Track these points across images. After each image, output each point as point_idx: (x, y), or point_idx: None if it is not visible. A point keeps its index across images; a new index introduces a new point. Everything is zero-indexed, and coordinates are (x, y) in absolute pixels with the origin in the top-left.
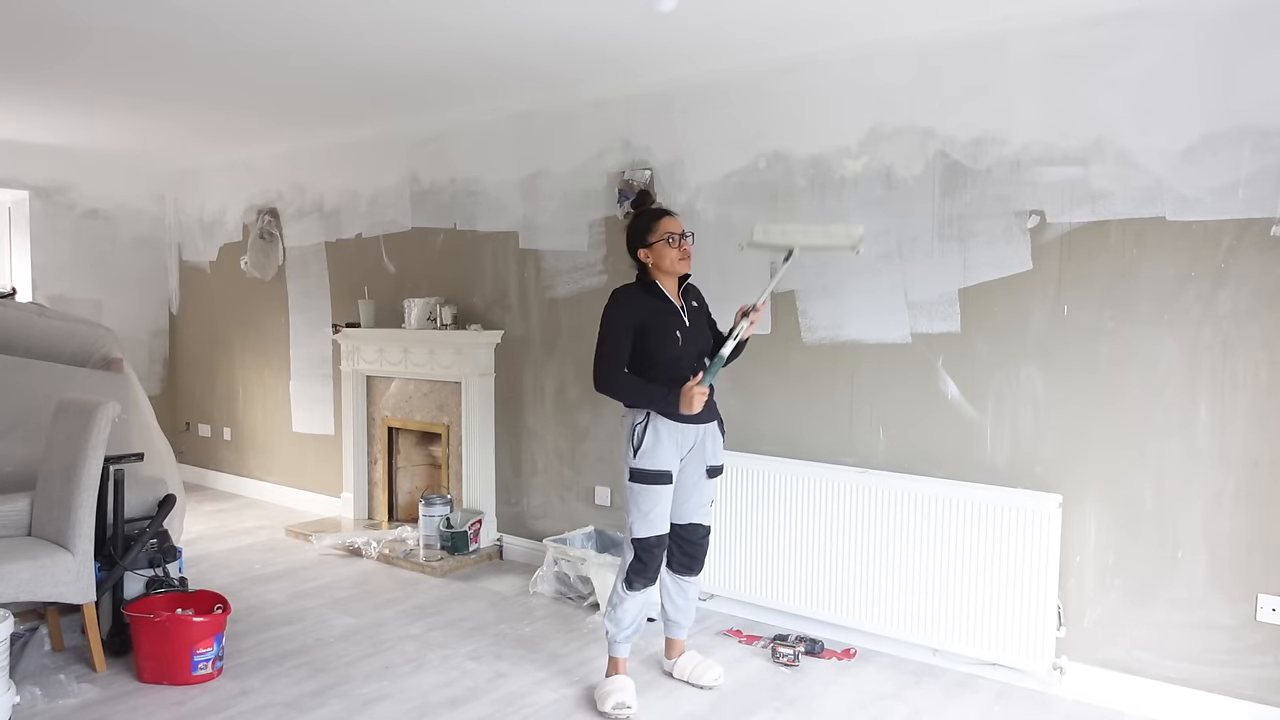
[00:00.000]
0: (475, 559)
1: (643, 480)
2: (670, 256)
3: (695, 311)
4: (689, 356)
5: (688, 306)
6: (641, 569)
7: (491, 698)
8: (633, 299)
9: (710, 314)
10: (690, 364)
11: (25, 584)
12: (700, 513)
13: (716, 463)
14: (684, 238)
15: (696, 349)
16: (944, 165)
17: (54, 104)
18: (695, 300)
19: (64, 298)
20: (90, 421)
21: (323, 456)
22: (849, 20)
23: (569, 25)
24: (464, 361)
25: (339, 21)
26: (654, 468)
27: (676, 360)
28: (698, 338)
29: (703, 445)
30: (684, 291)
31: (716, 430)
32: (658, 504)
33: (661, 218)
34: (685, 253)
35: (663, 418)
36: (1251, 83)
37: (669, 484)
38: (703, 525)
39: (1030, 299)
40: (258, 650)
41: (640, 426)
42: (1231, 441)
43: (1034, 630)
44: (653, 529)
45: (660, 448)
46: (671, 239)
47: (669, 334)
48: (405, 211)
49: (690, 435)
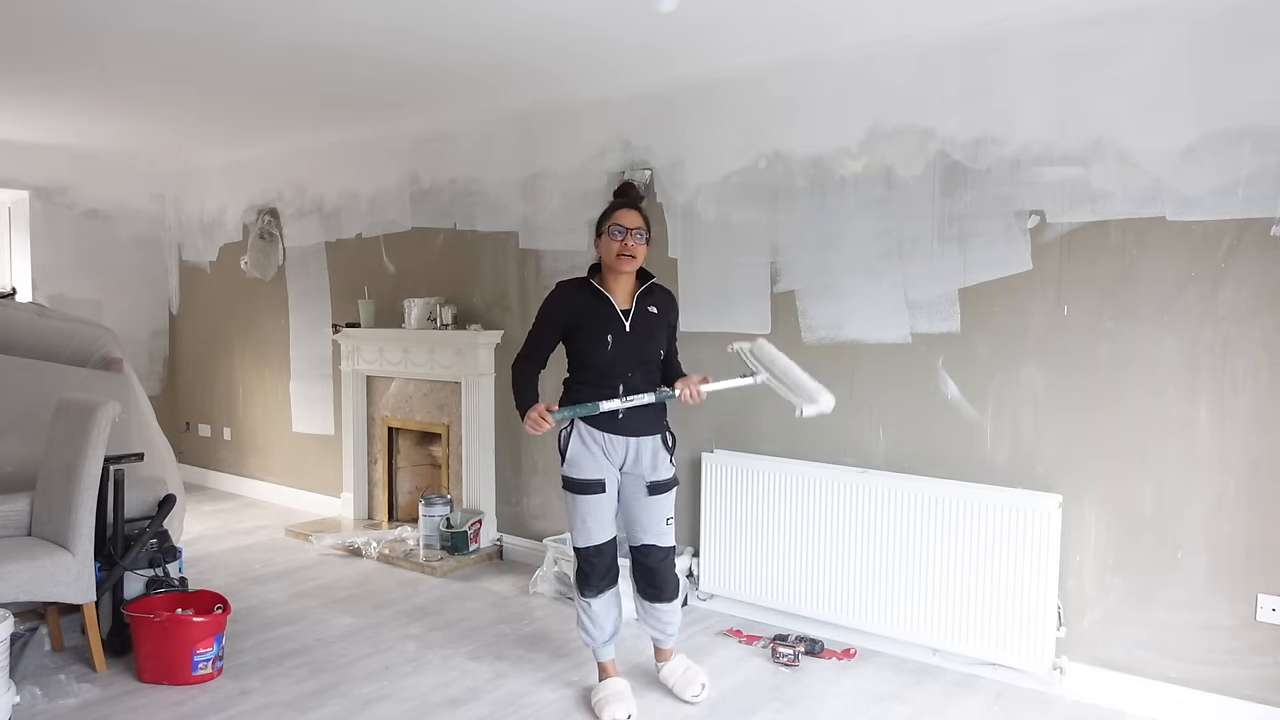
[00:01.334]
0: (475, 559)
1: (572, 489)
2: (611, 250)
3: (648, 318)
4: (624, 365)
5: (640, 311)
6: (585, 578)
7: (491, 698)
8: (567, 293)
9: (675, 324)
10: (625, 373)
11: (25, 584)
12: (653, 532)
13: (658, 478)
14: (631, 233)
15: (638, 357)
16: (944, 165)
17: (54, 104)
18: (655, 305)
19: (64, 298)
20: (90, 421)
21: (323, 456)
22: (849, 20)
23: (569, 25)
24: (464, 361)
25: (339, 21)
26: (582, 476)
27: (608, 368)
28: (640, 346)
29: (638, 459)
30: (643, 293)
31: (658, 444)
32: (591, 514)
33: (618, 209)
34: (629, 249)
35: (587, 425)
36: (1251, 83)
37: (601, 493)
38: (658, 547)
39: (1030, 299)
40: (258, 650)
41: (564, 433)
42: (1231, 442)
43: (1034, 630)
44: (590, 539)
45: (587, 456)
46: (615, 231)
47: (598, 338)
48: (405, 211)
49: (620, 447)
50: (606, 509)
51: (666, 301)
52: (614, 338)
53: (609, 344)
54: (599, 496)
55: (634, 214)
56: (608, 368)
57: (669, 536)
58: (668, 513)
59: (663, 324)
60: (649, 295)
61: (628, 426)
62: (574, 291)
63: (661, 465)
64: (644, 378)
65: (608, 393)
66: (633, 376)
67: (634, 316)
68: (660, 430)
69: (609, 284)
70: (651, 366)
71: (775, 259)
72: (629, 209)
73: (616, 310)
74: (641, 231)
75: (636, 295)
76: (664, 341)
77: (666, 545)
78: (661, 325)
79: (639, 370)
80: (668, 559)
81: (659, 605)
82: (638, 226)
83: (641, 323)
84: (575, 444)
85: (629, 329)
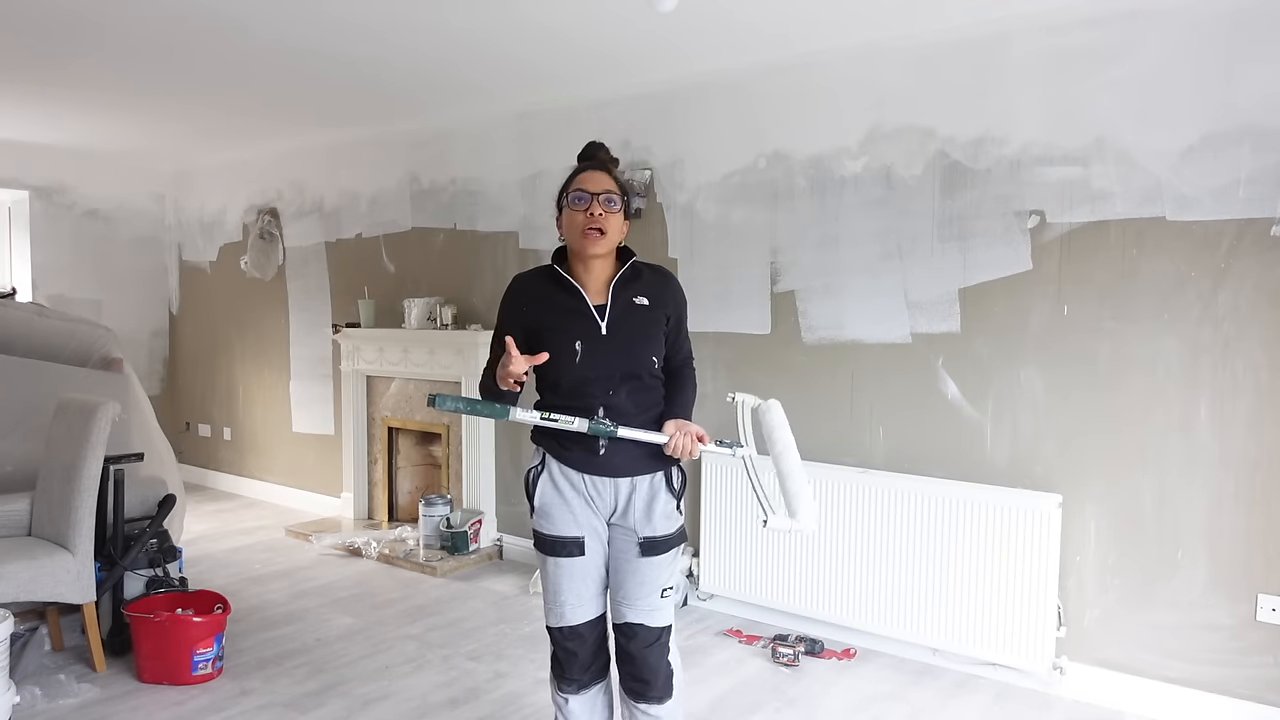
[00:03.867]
0: (475, 559)
1: (542, 549)
2: (575, 225)
3: (633, 314)
4: (602, 380)
5: (622, 305)
6: (561, 669)
7: (491, 698)
8: (522, 288)
9: (680, 317)
10: (604, 391)
11: (25, 584)
12: (641, 608)
13: (654, 533)
14: (598, 199)
15: (620, 369)
16: (944, 165)
17: (54, 104)
18: (645, 294)
19: (64, 298)
20: (90, 421)
21: (323, 456)
22: (849, 20)
23: (569, 25)
24: (464, 361)
25: (339, 21)
26: (553, 533)
27: (580, 385)
28: (623, 354)
29: (629, 507)
30: (622, 279)
31: (658, 486)
32: (567, 583)
33: (579, 172)
34: (596, 220)
35: (560, 463)
36: (1251, 83)
37: (579, 555)
38: (646, 627)
39: (1030, 299)
40: (258, 650)
41: (534, 471)
42: (1231, 441)
43: (1034, 630)
44: (564, 617)
45: (561, 505)
46: (577, 199)
47: (566, 344)
48: (405, 211)
49: (608, 492)
50: (589, 577)
51: (661, 287)
52: (585, 344)
53: (578, 353)
54: (576, 561)
55: (601, 175)
56: (579, 385)
57: (664, 614)
58: (665, 581)
59: (656, 319)
60: (633, 281)
61: (613, 463)
62: (531, 284)
63: (660, 515)
64: (632, 397)
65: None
66: (615, 395)
67: (613, 313)
68: (661, 467)
69: (578, 274)
70: (642, 381)
71: (775, 259)
72: (593, 171)
73: (589, 306)
74: (613, 196)
75: (613, 284)
76: (658, 345)
77: (658, 626)
78: (654, 322)
79: (623, 387)
80: (659, 643)
81: (644, 707)
82: (606, 190)
83: (624, 321)
84: (545, 487)
85: (605, 331)
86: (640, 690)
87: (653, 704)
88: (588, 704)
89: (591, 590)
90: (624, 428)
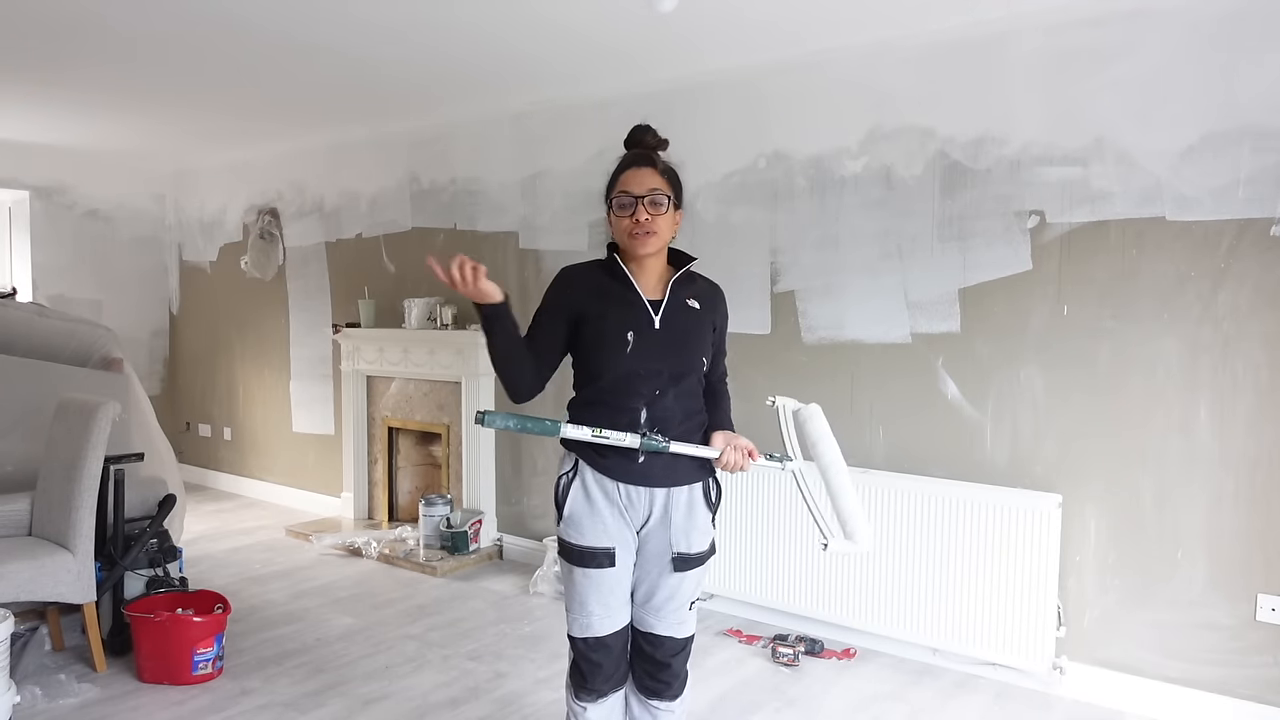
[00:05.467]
0: (475, 559)
1: (569, 558)
2: (621, 230)
3: (686, 314)
4: (651, 377)
5: (676, 303)
6: (582, 679)
7: (491, 698)
8: (577, 277)
9: (722, 329)
10: (651, 390)
11: (25, 584)
12: (670, 621)
13: (689, 549)
14: (643, 202)
15: (670, 367)
16: (944, 165)
17: (54, 104)
18: (697, 299)
19: (64, 298)
20: (90, 421)
21: (323, 456)
22: (849, 20)
23: (582, 21)
24: (464, 361)
25: (350, 20)
26: (582, 543)
27: (628, 379)
28: (675, 350)
29: (667, 519)
30: (678, 282)
31: (695, 498)
32: (595, 594)
33: (624, 169)
34: (641, 226)
35: (595, 470)
36: (1251, 83)
37: (609, 567)
38: (673, 639)
39: (1030, 299)
40: (258, 650)
41: (566, 478)
42: (1231, 441)
43: (1034, 630)
44: (590, 627)
45: (593, 515)
46: (621, 205)
47: (617, 333)
48: (405, 211)
49: (642, 501)
50: (617, 589)
51: (713, 296)
52: (637, 335)
53: (629, 343)
54: (606, 572)
55: (646, 172)
56: (627, 379)
57: (690, 625)
58: (693, 594)
59: (705, 325)
60: (688, 284)
61: (652, 472)
62: (583, 274)
63: (696, 530)
64: (679, 401)
65: (624, 418)
66: (662, 396)
67: (667, 309)
68: (700, 478)
69: (631, 269)
70: (690, 384)
71: (775, 259)
72: (640, 166)
73: (642, 299)
74: (659, 196)
75: (670, 284)
76: (707, 349)
77: (685, 636)
78: (704, 327)
79: (671, 388)
80: (684, 652)
81: (656, 704)
82: (651, 190)
83: (677, 319)
84: (576, 495)
85: (659, 325)
86: (658, 690)
87: (664, 700)
88: (605, 712)
89: (618, 600)
90: (675, 443)
